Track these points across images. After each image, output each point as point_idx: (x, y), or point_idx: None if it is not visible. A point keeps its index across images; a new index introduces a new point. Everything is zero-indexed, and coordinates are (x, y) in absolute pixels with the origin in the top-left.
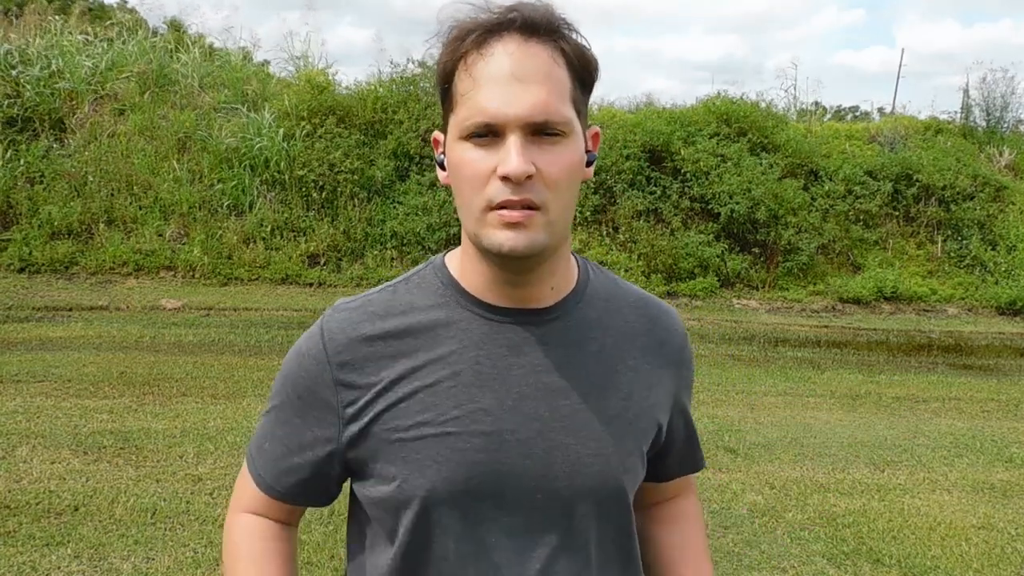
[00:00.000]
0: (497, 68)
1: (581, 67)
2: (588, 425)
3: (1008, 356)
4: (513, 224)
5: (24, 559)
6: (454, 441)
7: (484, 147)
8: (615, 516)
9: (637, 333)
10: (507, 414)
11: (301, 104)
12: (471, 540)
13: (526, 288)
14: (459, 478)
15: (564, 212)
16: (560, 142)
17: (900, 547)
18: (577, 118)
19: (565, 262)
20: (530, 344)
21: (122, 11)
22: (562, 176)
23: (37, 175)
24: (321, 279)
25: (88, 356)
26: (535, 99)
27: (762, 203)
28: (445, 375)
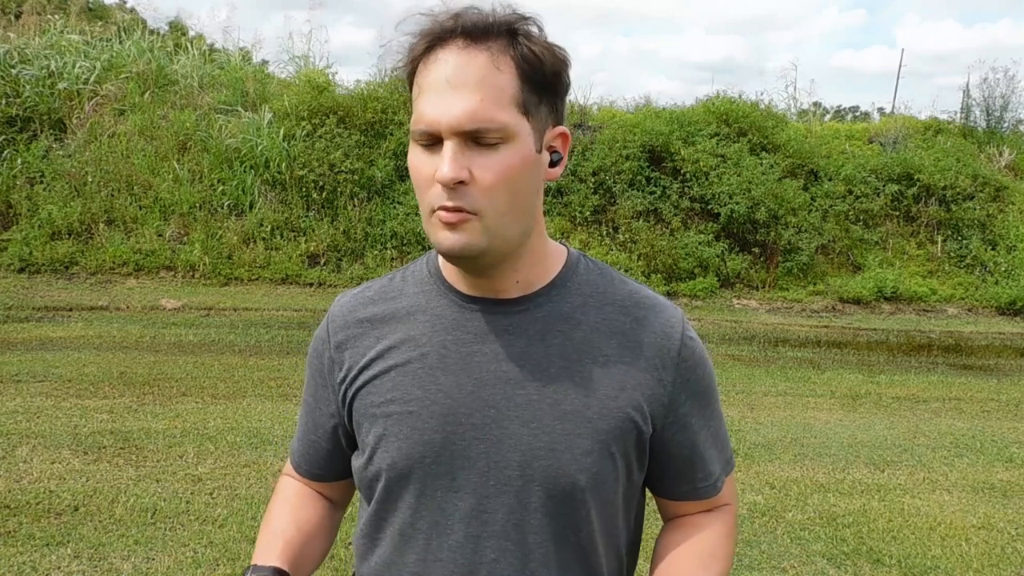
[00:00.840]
0: (436, 76)
1: (531, 69)
2: (540, 417)
3: (1008, 356)
4: (450, 225)
5: (24, 559)
6: (414, 420)
7: (429, 152)
8: (569, 513)
9: (615, 331)
10: (465, 398)
11: (301, 104)
12: (426, 517)
13: (489, 280)
14: (416, 455)
15: (507, 215)
16: (499, 147)
17: (900, 547)
18: (525, 120)
19: (533, 257)
20: (495, 333)
21: (121, 11)
22: (497, 182)
23: (37, 175)
24: (321, 279)
25: (88, 356)
26: (465, 106)
27: (762, 203)
28: (415, 356)
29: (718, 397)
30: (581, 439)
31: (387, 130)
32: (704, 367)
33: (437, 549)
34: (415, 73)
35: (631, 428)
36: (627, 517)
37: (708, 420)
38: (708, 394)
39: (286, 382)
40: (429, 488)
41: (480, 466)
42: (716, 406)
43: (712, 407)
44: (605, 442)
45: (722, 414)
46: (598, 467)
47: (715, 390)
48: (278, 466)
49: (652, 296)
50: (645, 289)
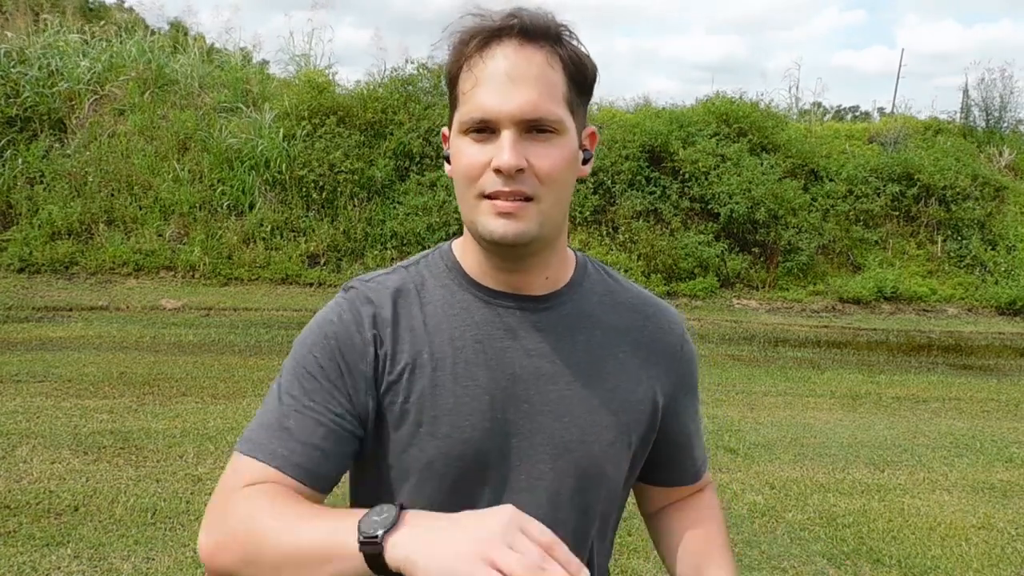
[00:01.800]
0: (495, 69)
1: (577, 71)
2: (572, 411)
3: (1008, 356)
4: (506, 213)
5: (24, 559)
6: (454, 418)
7: (481, 142)
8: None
9: (629, 329)
10: (500, 393)
11: (301, 104)
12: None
13: (520, 275)
14: (454, 453)
15: (556, 205)
16: (552, 139)
17: (900, 547)
18: (571, 118)
19: (560, 255)
20: (525, 329)
21: (120, 11)
22: (553, 170)
23: (37, 175)
24: (321, 279)
25: (88, 356)
26: (527, 98)
27: (762, 203)
28: (448, 351)
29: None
30: (608, 431)
31: (387, 130)
32: (696, 361)
33: None
34: (465, 68)
35: (647, 420)
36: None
37: (695, 409)
38: (696, 385)
39: None
40: (462, 484)
41: (514, 461)
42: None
43: (697, 397)
44: (625, 434)
45: None
46: (620, 457)
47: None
48: None
49: (653, 297)
50: (645, 290)
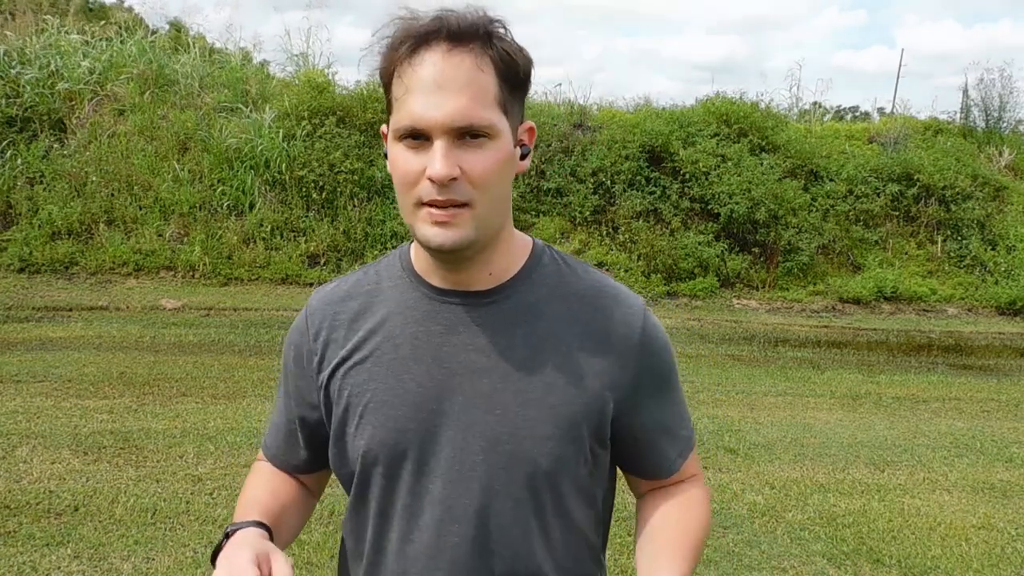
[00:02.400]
0: (424, 77)
1: (508, 70)
2: (504, 404)
3: (1008, 356)
4: (441, 222)
5: (24, 559)
6: (388, 409)
7: (415, 149)
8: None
9: (578, 321)
10: (435, 387)
11: (301, 104)
12: (400, 500)
13: (462, 273)
14: (389, 441)
15: (492, 207)
16: (484, 144)
17: (900, 547)
18: (504, 118)
19: (503, 250)
20: (464, 324)
21: (120, 11)
22: (487, 175)
23: (37, 175)
24: (321, 279)
25: (88, 356)
26: (457, 106)
27: (762, 203)
28: (388, 347)
29: (678, 378)
30: (543, 425)
31: None
32: (665, 352)
33: (411, 531)
34: (397, 74)
35: (594, 413)
36: (595, 499)
37: (668, 403)
38: (668, 378)
39: None
40: (402, 472)
41: (447, 452)
42: (676, 388)
43: (672, 390)
44: (568, 428)
45: (683, 394)
46: (560, 451)
47: (675, 373)
48: None
49: (614, 286)
50: (608, 280)
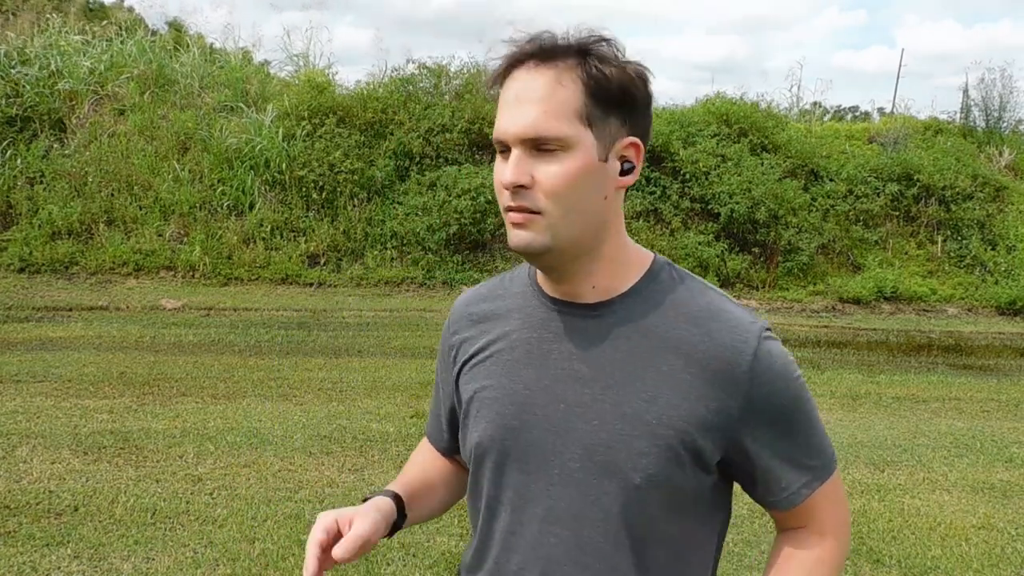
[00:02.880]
0: (508, 92)
1: (598, 86)
2: (602, 416)
3: (1008, 356)
4: (517, 224)
5: (24, 559)
6: (498, 406)
7: (503, 158)
8: (624, 512)
9: (683, 341)
10: (540, 391)
11: (301, 104)
12: (506, 493)
13: (565, 284)
14: (497, 437)
15: (568, 217)
16: (558, 155)
17: (900, 547)
18: (588, 132)
19: (608, 264)
20: (572, 334)
21: (120, 11)
22: (558, 186)
23: (37, 175)
24: (321, 279)
25: (88, 356)
26: (527, 118)
27: (762, 203)
28: (506, 349)
29: (806, 406)
30: (638, 440)
31: (387, 130)
32: (781, 382)
33: (516, 524)
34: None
35: (692, 437)
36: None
37: (789, 432)
38: (788, 408)
39: (286, 382)
40: (507, 467)
41: (548, 454)
42: (800, 418)
43: (794, 420)
44: (665, 447)
45: (813, 422)
46: (655, 469)
47: (799, 400)
48: (278, 466)
49: (729, 310)
50: (726, 302)
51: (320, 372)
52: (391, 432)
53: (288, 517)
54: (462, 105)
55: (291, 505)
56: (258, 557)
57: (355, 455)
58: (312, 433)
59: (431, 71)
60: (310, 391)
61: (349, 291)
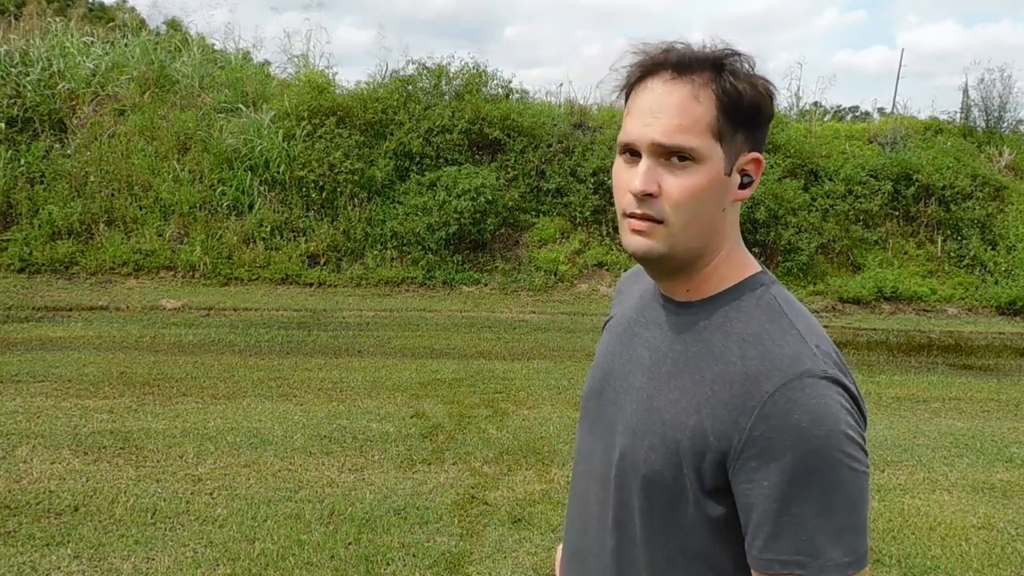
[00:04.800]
0: (643, 101)
1: (731, 103)
2: (639, 403)
3: (1008, 356)
4: (637, 231)
5: (24, 559)
6: (595, 371)
7: (629, 163)
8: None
9: (721, 359)
10: (619, 365)
11: (301, 104)
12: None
13: (665, 283)
14: (587, 392)
15: (688, 228)
16: (688, 167)
17: (900, 547)
18: (718, 146)
19: (710, 271)
20: (655, 324)
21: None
22: (684, 197)
23: (37, 175)
24: (321, 279)
25: (88, 356)
26: (663, 128)
27: (761, 203)
28: (620, 321)
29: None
30: (652, 436)
31: (387, 130)
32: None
33: (580, 475)
34: (629, 96)
35: (693, 450)
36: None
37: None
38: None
39: (286, 382)
40: (586, 422)
41: (608, 422)
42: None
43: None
44: (670, 450)
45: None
46: (660, 467)
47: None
48: (278, 466)
49: (782, 342)
50: (786, 334)
51: (320, 372)
52: (391, 432)
53: (288, 517)
54: (462, 105)
55: (291, 505)
56: (258, 557)
57: (355, 455)
58: (312, 433)
59: (431, 71)
60: (310, 391)
61: (349, 291)
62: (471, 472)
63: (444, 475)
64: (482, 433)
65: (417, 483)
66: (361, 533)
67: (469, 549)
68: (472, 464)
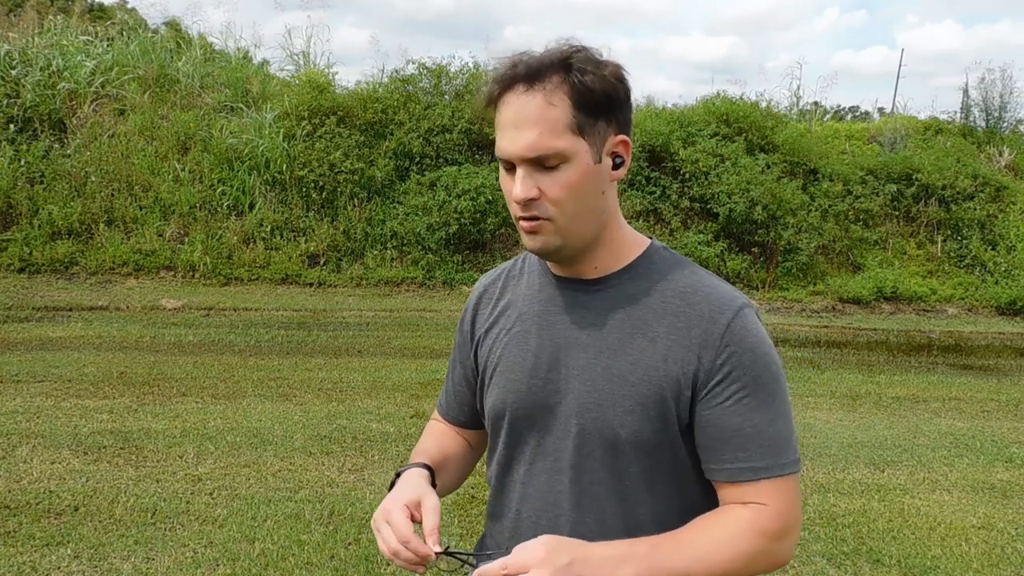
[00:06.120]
0: (504, 116)
1: (583, 97)
2: (594, 378)
3: (1008, 356)
4: (530, 232)
5: (24, 559)
6: (510, 373)
7: (510, 173)
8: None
9: (669, 312)
10: (546, 358)
11: (301, 104)
12: (520, 450)
13: (572, 267)
14: (508, 400)
15: (575, 219)
16: (559, 168)
17: (900, 547)
18: (581, 141)
19: (609, 247)
20: (574, 306)
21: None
22: (561, 194)
23: (37, 175)
24: (321, 279)
25: (88, 356)
26: (527, 141)
27: (760, 203)
28: (517, 322)
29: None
30: (624, 399)
31: (387, 130)
32: (751, 354)
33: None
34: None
35: (670, 397)
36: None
37: (749, 409)
38: (753, 383)
39: (286, 382)
40: (518, 427)
41: (551, 413)
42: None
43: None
44: (646, 406)
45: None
46: (639, 426)
47: (768, 384)
48: (278, 466)
49: (714, 286)
50: (713, 280)
51: (320, 372)
52: (391, 432)
53: (288, 517)
54: (462, 105)
55: (291, 505)
56: (258, 557)
57: (355, 455)
58: (312, 433)
59: (431, 71)
60: (310, 391)
61: (349, 291)
62: (471, 472)
63: None
64: None
65: None
66: (361, 533)
67: (469, 549)
68: None
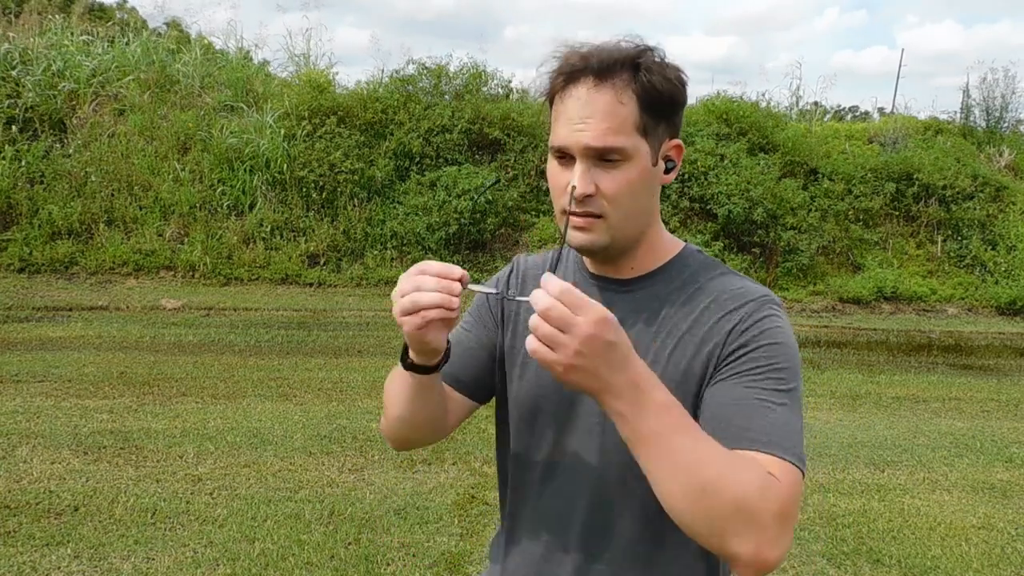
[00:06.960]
0: (570, 108)
1: (650, 98)
2: None
3: (1008, 356)
4: (580, 227)
5: (24, 559)
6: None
7: (563, 165)
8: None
9: (693, 311)
10: None
11: (302, 104)
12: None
13: (609, 265)
14: (532, 394)
15: (626, 218)
16: (619, 165)
17: (900, 547)
18: (643, 141)
19: (648, 248)
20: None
21: (122, 11)
22: (619, 192)
23: (37, 175)
24: (321, 279)
25: (88, 356)
26: (593, 133)
27: (760, 203)
28: None
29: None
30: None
31: (387, 130)
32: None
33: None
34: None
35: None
36: None
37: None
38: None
39: (286, 382)
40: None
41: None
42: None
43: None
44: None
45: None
46: None
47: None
48: (278, 466)
49: (744, 285)
50: (745, 281)
51: (320, 372)
52: None
53: (288, 517)
54: (462, 105)
55: (291, 505)
56: (258, 557)
57: (355, 455)
58: (312, 433)
59: (431, 71)
60: (310, 391)
61: (349, 291)
62: (471, 472)
63: (444, 475)
64: (482, 433)
65: (417, 483)
66: (361, 533)
67: (469, 549)
68: (472, 464)
